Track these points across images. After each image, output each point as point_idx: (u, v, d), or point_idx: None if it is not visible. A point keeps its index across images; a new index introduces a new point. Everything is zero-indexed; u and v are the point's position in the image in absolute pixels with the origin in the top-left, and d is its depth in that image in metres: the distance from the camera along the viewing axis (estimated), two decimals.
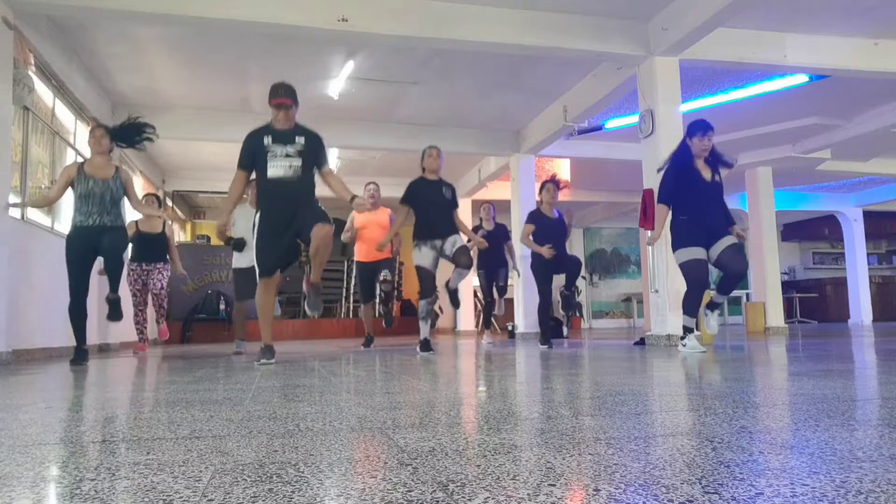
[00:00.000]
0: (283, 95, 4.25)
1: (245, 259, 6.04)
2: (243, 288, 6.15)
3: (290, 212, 4.23)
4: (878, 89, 7.70)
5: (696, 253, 4.60)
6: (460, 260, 5.14)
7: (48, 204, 5.00)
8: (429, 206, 5.24)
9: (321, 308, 4.47)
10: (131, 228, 6.54)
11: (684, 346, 4.70)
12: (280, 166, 4.22)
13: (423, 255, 5.19)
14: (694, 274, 4.62)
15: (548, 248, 5.75)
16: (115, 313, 4.79)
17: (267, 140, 4.27)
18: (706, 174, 4.68)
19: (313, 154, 4.33)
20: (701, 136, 4.64)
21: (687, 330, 4.72)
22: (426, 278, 5.18)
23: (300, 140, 4.29)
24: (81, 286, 4.63)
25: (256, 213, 4.37)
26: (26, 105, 5.43)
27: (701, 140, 4.65)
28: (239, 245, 6.09)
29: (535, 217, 6.04)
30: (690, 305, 4.69)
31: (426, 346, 5.22)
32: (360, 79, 7.51)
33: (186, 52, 6.77)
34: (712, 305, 4.81)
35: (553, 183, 6.10)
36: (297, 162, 4.24)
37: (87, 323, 4.72)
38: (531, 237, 5.99)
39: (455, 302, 5.70)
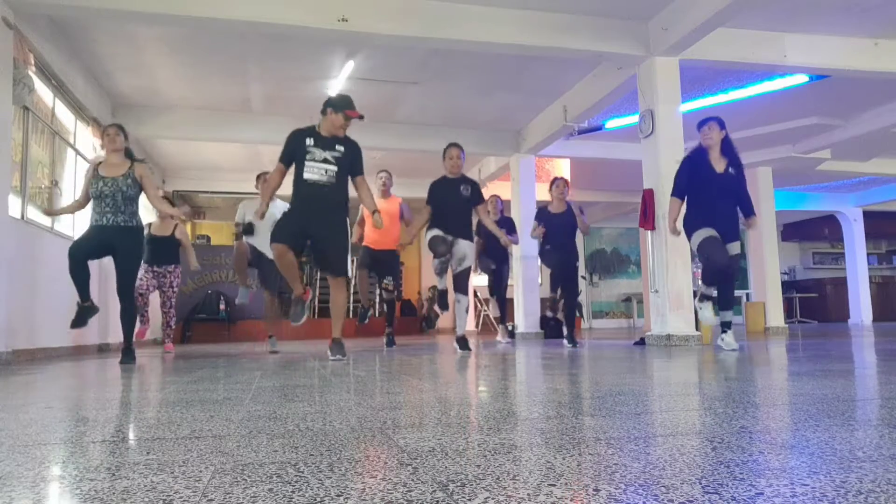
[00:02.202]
0: (357, 112, 4.47)
1: (257, 244, 6.04)
2: (268, 275, 6.09)
3: (316, 221, 4.35)
4: (878, 89, 7.70)
5: (710, 232, 4.70)
6: (458, 284, 5.26)
7: (79, 209, 4.93)
8: (444, 205, 5.29)
9: (345, 353, 4.53)
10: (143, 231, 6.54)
11: (701, 309, 4.92)
12: (316, 170, 4.34)
13: (434, 231, 5.25)
14: (711, 251, 4.67)
15: (540, 229, 5.95)
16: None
17: (309, 141, 4.39)
18: (719, 166, 4.78)
19: (350, 162, 4.46)
20: (702, 129, 4.81)
21: (705, 297, 4.88)
22: (437, 242, 5.17)
23: (340, 148, 4.43)
24: (81, 253, 4.48)
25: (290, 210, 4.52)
26: (26, 105, 5.43)
27: (703, 132, 4.80)
28: (248, 229, 6.08)
29: (540, 216, 6.11)
30: (708, 278, 4.82)
31: (464, 343, 5.31)
32: (360, 79, 7.51)
33: (186, 52, 6.77)
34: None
35: (563, 180, 6.21)
36: (334, 168, 4.37)
37: (89, 281, 4.56)
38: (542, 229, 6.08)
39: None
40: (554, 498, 0.92)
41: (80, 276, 4.50)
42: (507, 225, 7.68)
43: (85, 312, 4.56)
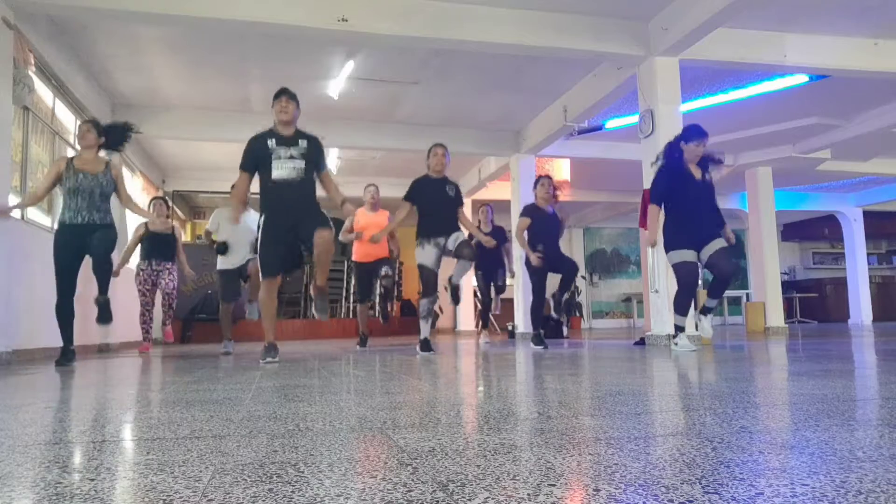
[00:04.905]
0: (287, 93, 4.43)
1: (229, 261, 6.19)
2: (228, 289, 6.30)
3: (293, 216, 4.33)
4: (878, 89, 7.70)
5: (687, 255, 4.68)
6: (463, 252, 5.09)
7: (37, 201, 4.83)
8: (433, 204, 5.20)
9: (328, 311, 4.54)
10: (140, 229, 6.62)
11: (676, 345, 4.80)
12: (285, 168, 4.34)
13: (426, 254, 5.14)
14: (685, 277, 4.71)
15: (537, 255, 5.72)
16: (105, 315, 4.58)
17: (271, 143, 4.38)
18: (697, 174, 4.75)
19: (315, 157, 4.45)
20: (697, 142, 4.71)
21: (678, 329, 4.81)
22: (428, 277, 5.14)
23: (303, 143, 4.43)
24: (69, 285, 4.49)
25: (260, 216, 4.45)
26: (26, 105, 5.43)
27: (696, 146, 4.72)
28: (222, 248, 6.18)
29: (530, 210, 6.01)
30: (681, 305, 4.79)
31: (426, 345, 5.18)
32: (360, 79, 7.51)
33: (186, 52, 6.77)
34: (705, 310, 4.85)
35: (548, 178, 6.11)
36: (301, 164, 4.37)
37: (73, 322, 4.58)
38: (526, 234, 5.94)
39: (456, 298, 5.66)
40: (554, 498, 0.92)
41: (67, 317, 4.49)
42: (499, 234, 7.67)
43: (70, 355, 4.53)
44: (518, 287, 9.38)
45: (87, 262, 4.58)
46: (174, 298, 6.78)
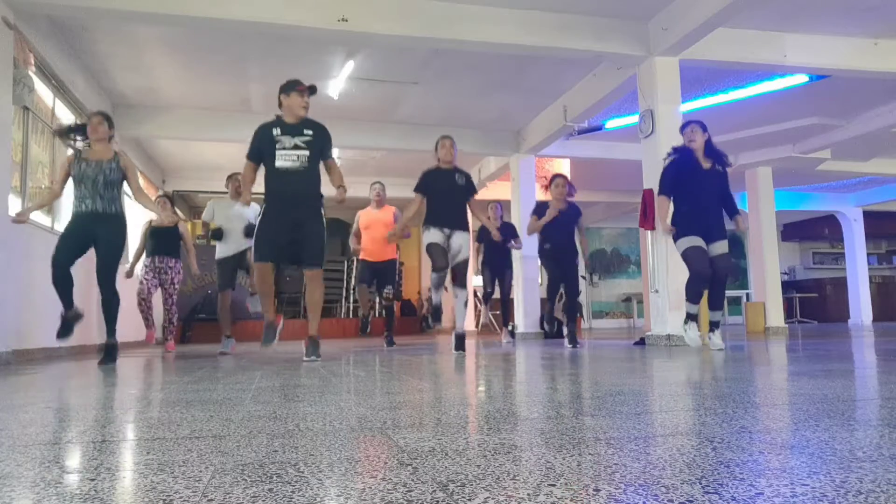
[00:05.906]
0: (314, 91, 4.49)
1: (225, 249, 6.13)
2: (224, 277, 6.19)
3: (296, 210, 4.34)
4: (878, 89, 7.70)
5: (696, 241, 4.69)
6: (455, 277, 5.13)
7: (55, 198, 4.78)
8: (440, 195, 5.17)
9: (320, 354, 4.51)
10: (145, 226, 6.59)
11: (686, 332, 4.84)
12: (288, 157, 4.35)
13: (432, 234, 5.11)
14: (695, 262, 4.68)
15: (553, 212, 5.80)
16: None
17: (276, 132, 4.40)
18: (706, 164, 4.79)
19: (320, 146, 4.47)
20: (684, 132, 4.84)
21: (690, 317, 4.81)
22: (437, 253, 5.09)
23: (308, 132, 4.43)
24: (65, 258, 4.33)
25: (262, 204, 4.47)
26: (26, 105, 5.43)
27: (684, 135, 4.83)
28: (217, 234, 6.13)
29: (540, 210, 6.04)
30: (692, 292, 4.77)
31: (461, 343, 5.10)
32: (360, 79, 7.51)
33: (186, 52, 6.77)
34: (712, 326, 4.87)
35: (563, 177, 6.08)
36: (305, 153, 4.37)
37: (72, 290, 4.41)
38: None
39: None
40: (554, 498, 0.92)
41: (64, 285, 4.35)
42: (509, 230, 7.61)
43: (70, 321, 4.42)
44: (519, 287, 9.38)
45: (91, 262, 4.56)
46: (174, 301, 6.64)
